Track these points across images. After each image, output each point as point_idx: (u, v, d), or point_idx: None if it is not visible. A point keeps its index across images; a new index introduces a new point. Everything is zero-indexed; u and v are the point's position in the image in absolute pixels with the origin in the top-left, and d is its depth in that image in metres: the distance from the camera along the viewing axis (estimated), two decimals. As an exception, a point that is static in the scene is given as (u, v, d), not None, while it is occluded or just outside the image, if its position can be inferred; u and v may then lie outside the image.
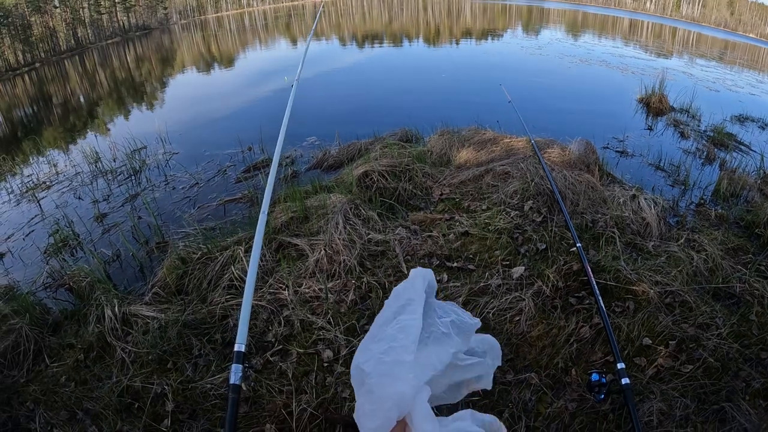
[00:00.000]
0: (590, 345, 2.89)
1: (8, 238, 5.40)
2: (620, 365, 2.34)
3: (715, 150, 6.77)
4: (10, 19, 32.67)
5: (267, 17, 43.81)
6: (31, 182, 7.00)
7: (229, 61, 20.45)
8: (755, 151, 6.92)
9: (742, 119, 8.81)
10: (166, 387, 2.79)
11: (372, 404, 0.81)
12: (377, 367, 0.87)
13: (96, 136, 9.75)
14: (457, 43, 21.32)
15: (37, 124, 12.86)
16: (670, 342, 2.84)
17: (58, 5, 37.75)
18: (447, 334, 1.03)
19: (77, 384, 2.98)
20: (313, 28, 5.96)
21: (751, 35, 47.62)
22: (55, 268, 4.37)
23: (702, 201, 5.17)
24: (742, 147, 7.17)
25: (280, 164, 6.30)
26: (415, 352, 0.91)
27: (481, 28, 28.11)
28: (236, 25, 39.45)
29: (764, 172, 5.82)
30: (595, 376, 2.37)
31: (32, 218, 5.79)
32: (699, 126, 8.10)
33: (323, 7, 46.16)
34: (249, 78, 15.08)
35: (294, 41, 24.74)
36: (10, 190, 6.87)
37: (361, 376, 0.89)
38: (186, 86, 15.64)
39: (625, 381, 2.29)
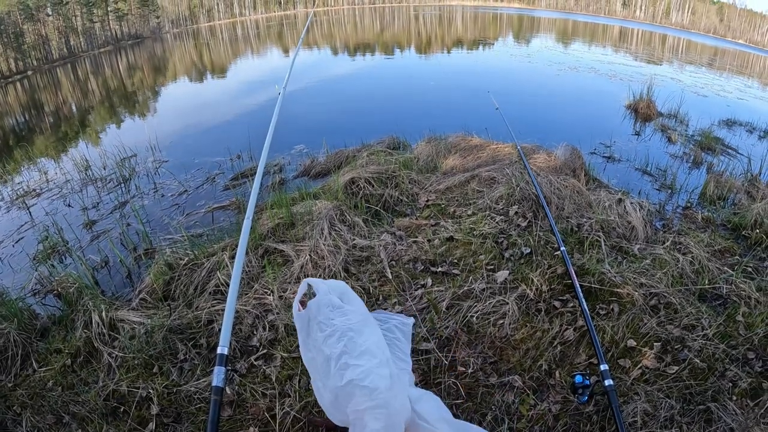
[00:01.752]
0: (574, 347, 2.90)
1: (-2, 244, 5.38)
2: (604, 367, 2.35)
3: (702, 154, 6.84)
4: (2, 27, 32.63)
5: (259, 27, 43.91)
6: (21, 190, 6.99)
7: (220, 71, 20.47)
8: (742, 155, 7.01)
9: (729, 123, 8.93)
10: (151, 391, 2.78)
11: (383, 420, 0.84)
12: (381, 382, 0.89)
13: (87, 145, 9.74)
14: (448, 52, 21.43)
15: (28, 132, 12.82)
16: (655, 343, 2.85)
17: (50, 13, 37.74)
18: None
19: (64, 388, 2.97)
20: (301, 38, 6.02)
21: (740, 41, 48.12)
22: (44, 275, 4.35)
23: (689, 204, 5.22)
24: (730, 150, 7.26)
25: (267, 172, 6.33)
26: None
27: (472, 37, 28.28)
28: (228, 34, 39.50)
29: (751, 175, 5.87)
30: (578, 378, 2.38)
31: (22, 225, 5.78)
32: (687, 131, 8.19)
33: (314, 15, 46.35)
34: (240, 87, 15.11)
35: (286, 51, 24.79)
36: (0, 197, 6.85)
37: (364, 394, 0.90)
38: (177, 95, 15.64)
39: (608, 382, 2.30)
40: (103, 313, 3.38)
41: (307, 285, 1.86)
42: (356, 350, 1.32)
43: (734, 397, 2.57)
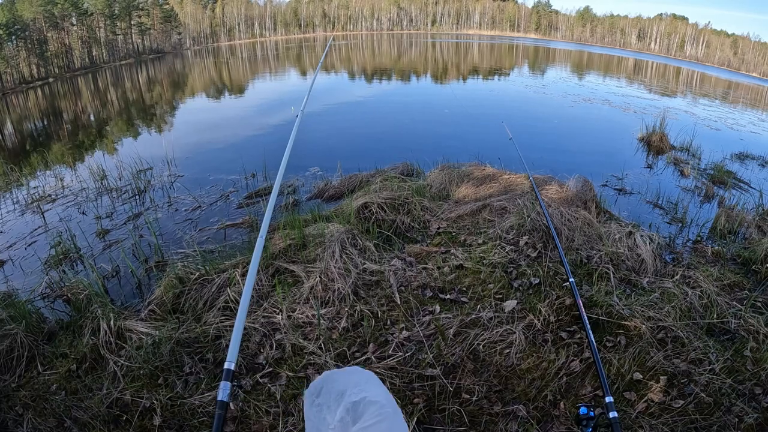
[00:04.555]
0: (580, 379, 2.89)
1: (10, 246, 5.46)
2: (609, 399, 2.34)
3: (714, 188, 6.84)
4: (27, 33, 33.37)
5: (278, 47, 44.57)
6: (36, 194, 7.10)
7: (238, 90, 20.77)
8: (754, 189, 7.00)
9: (742, 157, 8.96)
10: (155, 401, 2.80)
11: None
12: None
13: (103, 155, 9.93)
14: (464, 81, 21.62)
15: (45, 137, 13.06)
16: (662, 377, 2.83)
17: (75, 23, 38.59)
18: None
19: (68, 393, 2.99)
20: (320, 63, 6.11)
21: (754, 74, 48.22)
22: (54, 279, 4.40)
23: (699, 238, 5.19)
24: (742, 184, 7.24)
25: (281, 192, 6.37)
26: None
27: (488, 67, 28.54)
28: (248, 54, 40.12)
29: (763, 209, 5.87)
30: (583, 410, 2.37)
31: (35, 229, 5.86)
32: (699, 164, 8.21)
33: (333, 40, 46.97)
34: (257, 107, 15.30)
35: (303, 73, 25.15)
36: (15, 200, 6.96)
37: None
38: (195, 111, 15.87)
39: (613, 415, 2.28)
40: (112, 322, 3.41)
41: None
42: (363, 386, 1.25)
43: (740, 432, 2.56)
